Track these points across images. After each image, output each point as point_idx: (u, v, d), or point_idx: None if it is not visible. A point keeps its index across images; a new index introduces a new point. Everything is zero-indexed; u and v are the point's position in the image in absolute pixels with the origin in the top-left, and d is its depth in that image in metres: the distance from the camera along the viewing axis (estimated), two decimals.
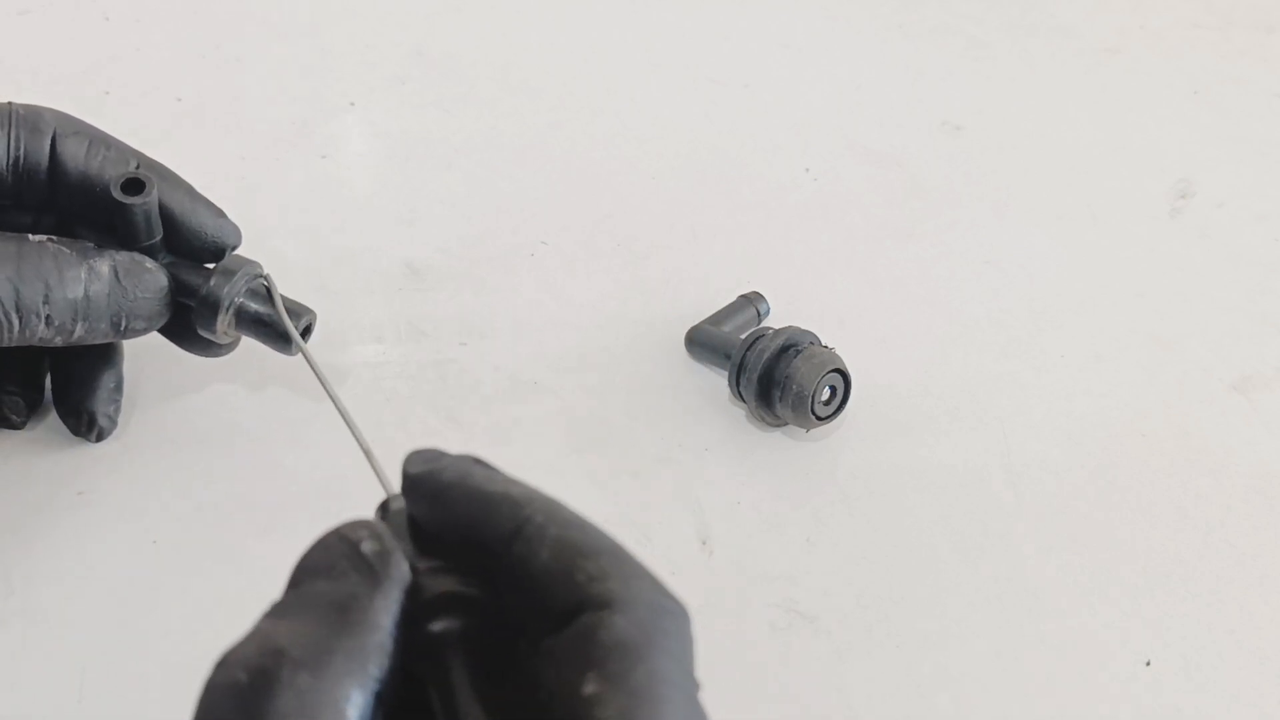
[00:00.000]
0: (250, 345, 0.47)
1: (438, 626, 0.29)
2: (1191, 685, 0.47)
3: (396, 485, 0.33)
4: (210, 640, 0.45)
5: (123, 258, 0.44)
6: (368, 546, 0.30)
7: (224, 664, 0.28)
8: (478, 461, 0.32)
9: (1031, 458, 0.54)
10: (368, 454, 0.38)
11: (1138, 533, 0.52)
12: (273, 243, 0.58)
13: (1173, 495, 0.54)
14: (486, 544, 0.30)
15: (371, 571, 0.29)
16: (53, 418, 0.51)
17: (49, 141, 0.44)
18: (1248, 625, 0.49)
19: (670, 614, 0.29)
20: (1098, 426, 0.56)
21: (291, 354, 0.46)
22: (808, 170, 0.69)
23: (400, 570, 0.30)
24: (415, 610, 0.30)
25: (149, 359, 0.52)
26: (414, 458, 0.32)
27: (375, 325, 0.57)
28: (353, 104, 0.70)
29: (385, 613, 0.29)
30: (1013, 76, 0.78)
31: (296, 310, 0.47)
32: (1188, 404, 0.58)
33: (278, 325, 0.46)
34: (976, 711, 0.46)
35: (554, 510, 0.30)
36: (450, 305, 0.58)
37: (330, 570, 0.30)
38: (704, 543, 0.50)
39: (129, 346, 0.50)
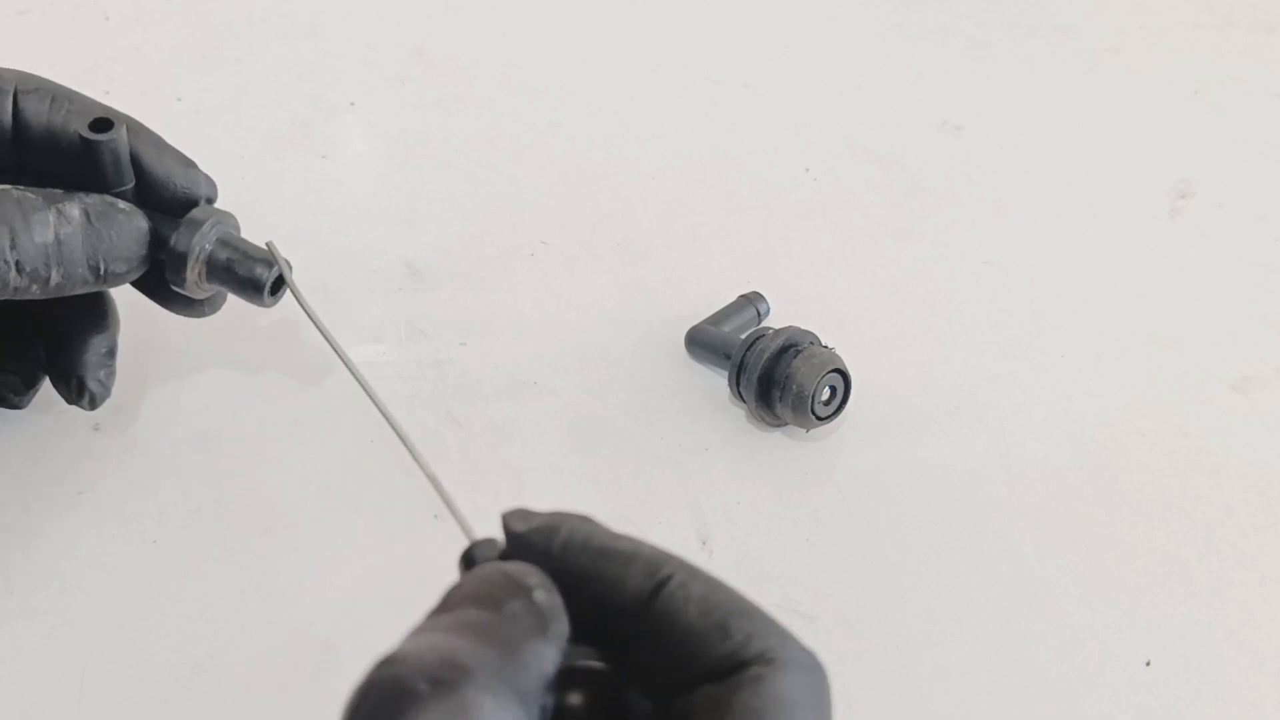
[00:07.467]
0: (250, 342, 0.47)
1: (571, 700, 0.29)
2: (1191, 685, 0.47)
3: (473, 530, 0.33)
4: (210, 640, 0.45)
5: (93, 199, 0.42)
6: (541, 596, 0.29)
7: (393, 663, 0.26)
8: (586, 519, 0.32)
9: (1031, 458, 0.54)
10: (449, 504, 0.36)
11: (1138, 533, 0.52)
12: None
13: (1172, 495, 0.54)
14: (621, 602, 0.30)
15: (544, 621, 0.29)
16: (53, 417, 0.51)
17: (10, 101, 0.43)
18: (1248, 625, 0.49)
19: (820, 674, 0.29)
20: (1097, 426, 0.56)
21: (266, 305, 0.45)
22: (808, 170, 0.69)
23: (566, 629, 0.29)
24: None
25: (150, 359, 0.52)
26: (515, 516, 0.32)
27: (375, 325, 0.57)
28: (353, 104, 0.70)
29: (552, 664, 0.28)
30: (1013, 76, 0.78)
31: (266, 259, 0.45)
32: (1187, 404, 0.58)
33: (247, 271, 0.44)
34: (976, 711, 0.46)
35: (691, 568, 0.30)
36: (450, 305, 0.58)
37: (495, 605, 0.28)
38: (704, 543, 0.50)
39: (131, 345, 0.50)
